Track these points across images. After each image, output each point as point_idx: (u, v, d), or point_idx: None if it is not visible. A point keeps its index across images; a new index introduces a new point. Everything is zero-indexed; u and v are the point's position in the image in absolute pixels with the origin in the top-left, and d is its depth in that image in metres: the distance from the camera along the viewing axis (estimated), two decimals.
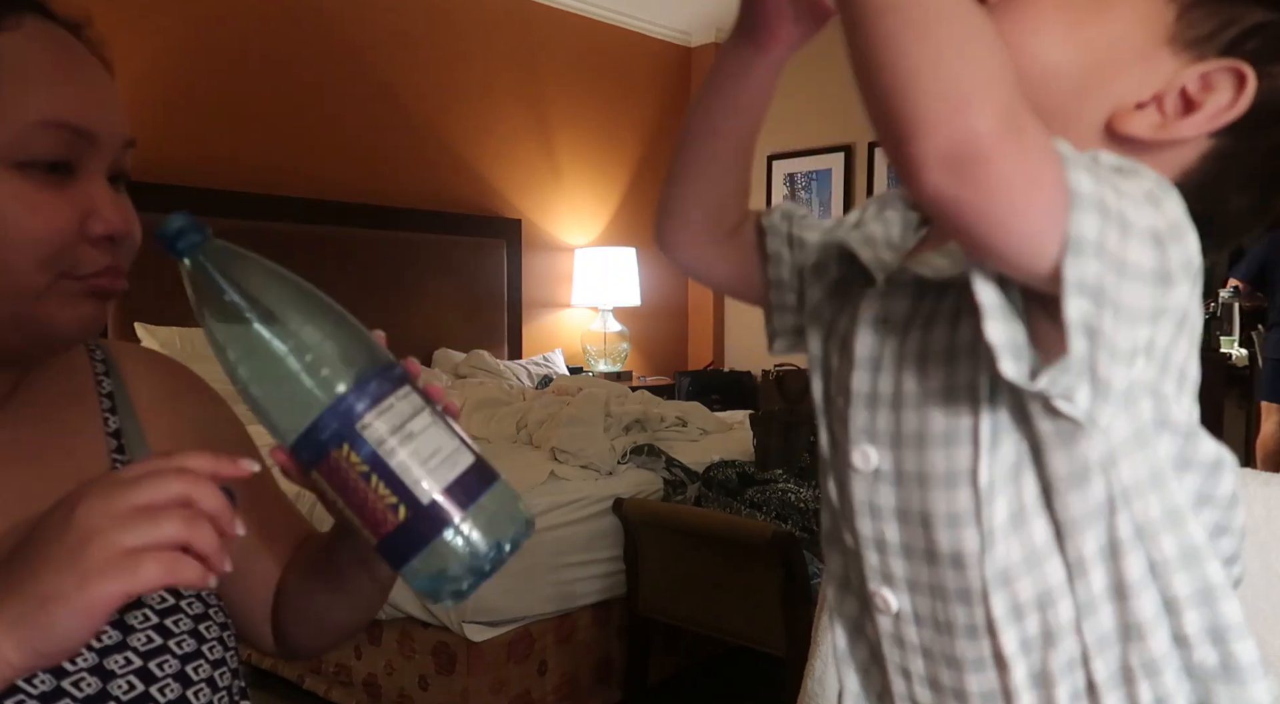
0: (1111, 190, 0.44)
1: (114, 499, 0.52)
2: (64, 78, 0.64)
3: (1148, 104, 0.54)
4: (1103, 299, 0.44)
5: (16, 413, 0.71)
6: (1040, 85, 0.53)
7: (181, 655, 0.68)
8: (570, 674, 2.34)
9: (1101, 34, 0.54)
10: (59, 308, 0.64)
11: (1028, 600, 0.55)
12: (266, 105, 3.59)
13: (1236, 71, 0.53)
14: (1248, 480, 0.80)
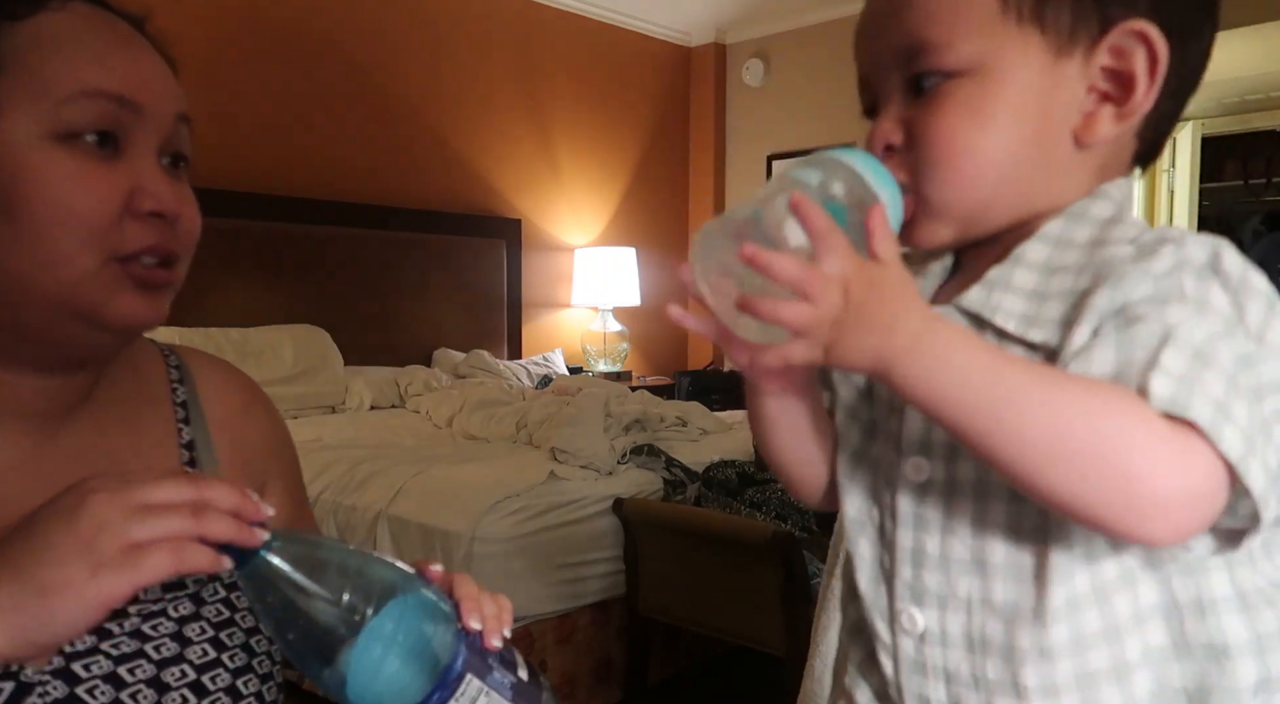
0: (1257, 421, 0.48)
1: (125, 494, 0.52)
2: (107, 50, 0.63)
3: (1094, 107, 0.57)
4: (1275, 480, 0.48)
5: (97, 414, 0.70)
6: (1015, 164, 0.57)
7: (233, 670, 0.68)
8: (570, 674, 2.34)
9: (1012, 91, 0.56)
10: (106, 295, 0.62)
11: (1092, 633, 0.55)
12: (266, 105, 3.59)
13: (1130, 31, 0.55)
14: None
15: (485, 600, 0.61)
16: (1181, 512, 0.48)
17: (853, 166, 0.54)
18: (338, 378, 3.42)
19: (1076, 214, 0.58)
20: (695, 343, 5.44)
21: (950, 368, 0.49)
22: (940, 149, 0.57)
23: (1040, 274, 0.57)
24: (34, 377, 0.65)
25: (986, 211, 0.59)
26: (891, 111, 0.60)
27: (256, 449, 0.81)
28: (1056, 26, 0.56)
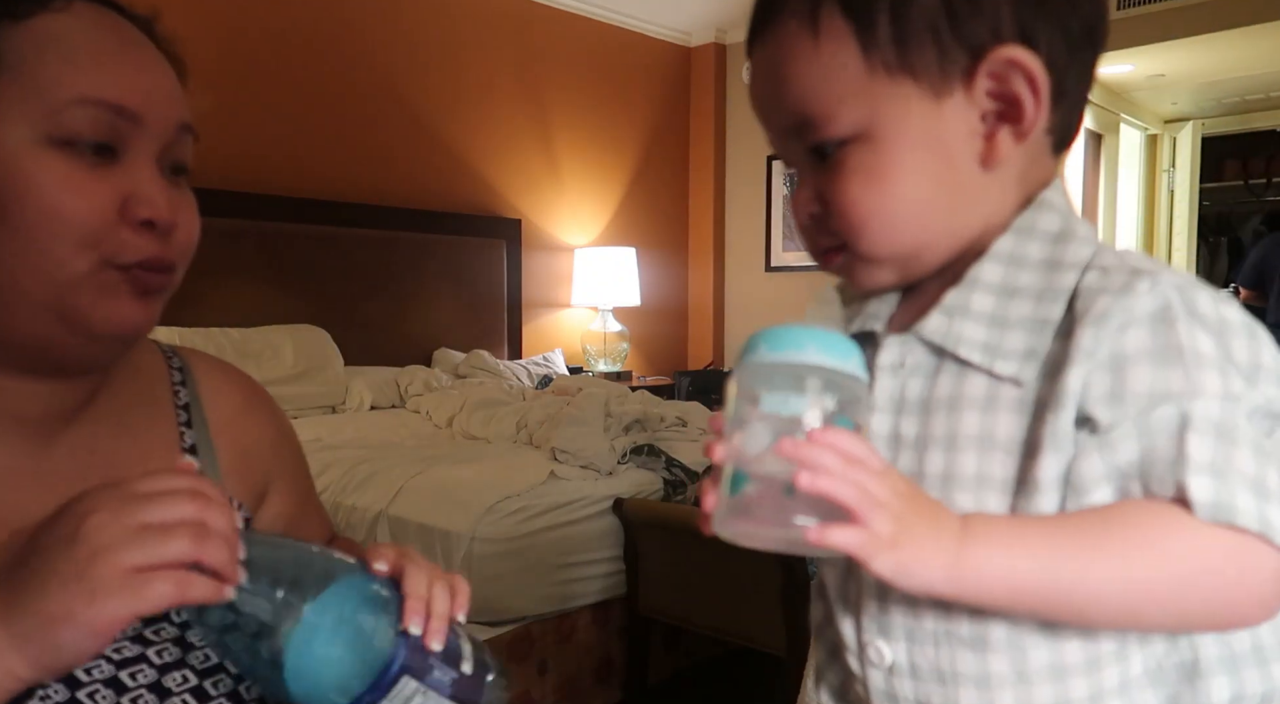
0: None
1: (123, 515, 0.51)
2: (109, 57, 0.61)
3: (989, 133, 0.57)
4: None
5: (92, 421, 0.69)
6: (928, 208, 0.58)
7: (235, 675, 0.67)
8: (570, 674, 2.34)
9: (903, 144, 0.57)
10: (96, 299, 0.61)
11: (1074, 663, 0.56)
12: (266, 106, 3.59)
13: (1000, 60, 0.55)
14: None
15: (437, 593, 0.60)
16: (1272, 600, 0.51)
17: (825, 365, 0.50)
18: (338, 378, 3.42)
19: (1024, 229, 0.58)
20: (695, 343, 5.44)
21: (1007, 577, 0.50)
22: (852, 216, 0.58)
23: (997, 297, 0.57)
24: (32, 382, 0.64)
25: (920, 254, 0.60)
26: (806, 181, 0.61)
27: (258, 451, 0.80)
28: (926, 70, 0.56)
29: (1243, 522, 0.48)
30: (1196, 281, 0.54)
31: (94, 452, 0.69)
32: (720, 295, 5.40)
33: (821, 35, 0.57)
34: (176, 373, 0.78)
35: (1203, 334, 0.51)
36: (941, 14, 0.55)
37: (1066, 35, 0.57)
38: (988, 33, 0.55)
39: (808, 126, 0.58)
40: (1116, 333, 0.52)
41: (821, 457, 0.47)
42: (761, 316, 5.10)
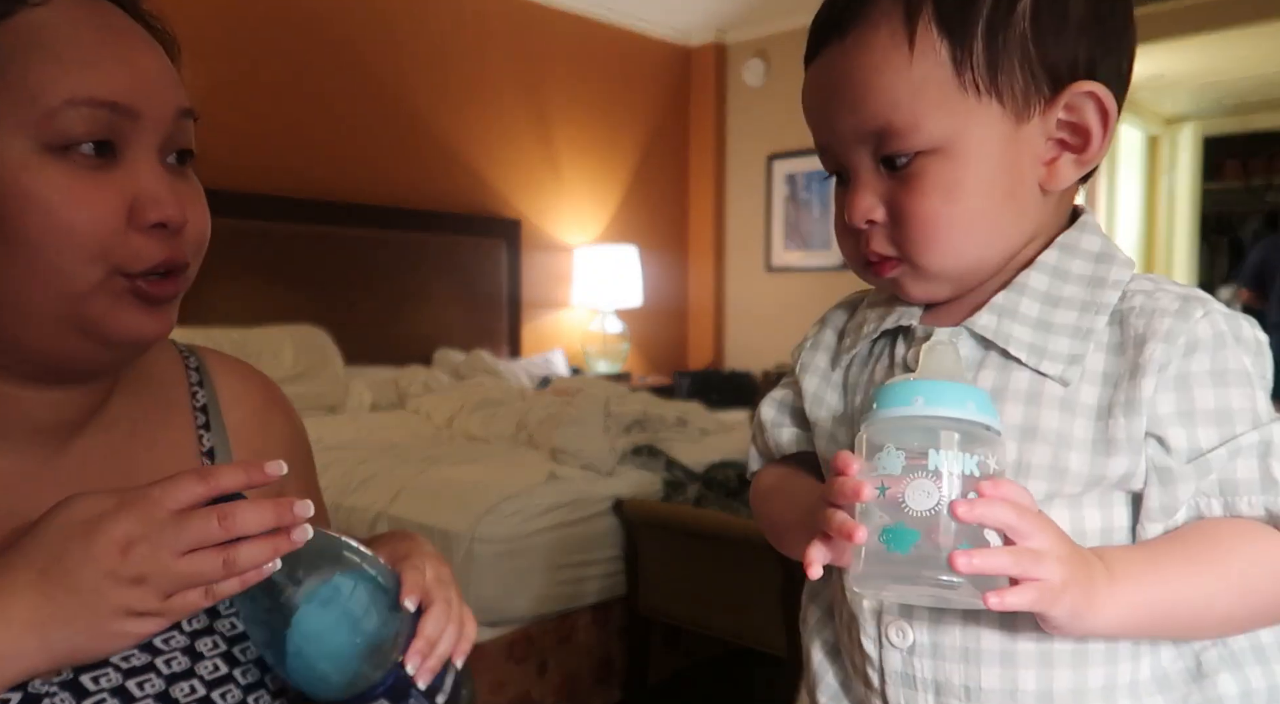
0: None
1: (164, 542, 0.53)
2: (96, 51, 0.58)
3: (1054, 157, 0.61)
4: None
5: (107, 425, 0.68)
6: (994, 224, 0.61)
7: (245, 686, 0.67)
8: (570, 674, 2.34)
9: (982, 161, 0.60)
10: (107, 309, 0.59)
11: None
12: (266, 106, 3.59)
13: (1082, 92, 0.59)
14: None
15: (445, 636, 0.63)
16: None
17: (988, 424, 0.51)
18: (338, 378, 3.42)
19: (1069, 245, 0.63)
20: (695, 343, 5.44)
21: (1137, 611, 0.55)
22: (925, 227, 0.60)
23: (1042, 303, 0.62)
24: (44, 390, 0.63)
25: (976, 269, 0.63)
26: (868, 187, 0.62)
27: (275, 454, 0.77)
28: (1013, 95, 0.59)
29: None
30: (1229, 309, 0.60)
31: (109, 456, 0.68)
32: (720, 295, 5.39)
33: (917, 48, 0.58)
34: (194, 373, 0.76)
35: (1246, 357, 0.59)
36: (1031, 43, 0.58)
37: (1119, 74, 0.62)
38: (1065, 66, 0.59)
39: (889, 135, 0.60)
40: (1184, 353, 0.58)
41: (1000, 514, 0.50)
42: (761, 316, 5.10)
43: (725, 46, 5.27)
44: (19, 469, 0.64)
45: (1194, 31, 4.33)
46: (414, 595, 0.62)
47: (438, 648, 0.62)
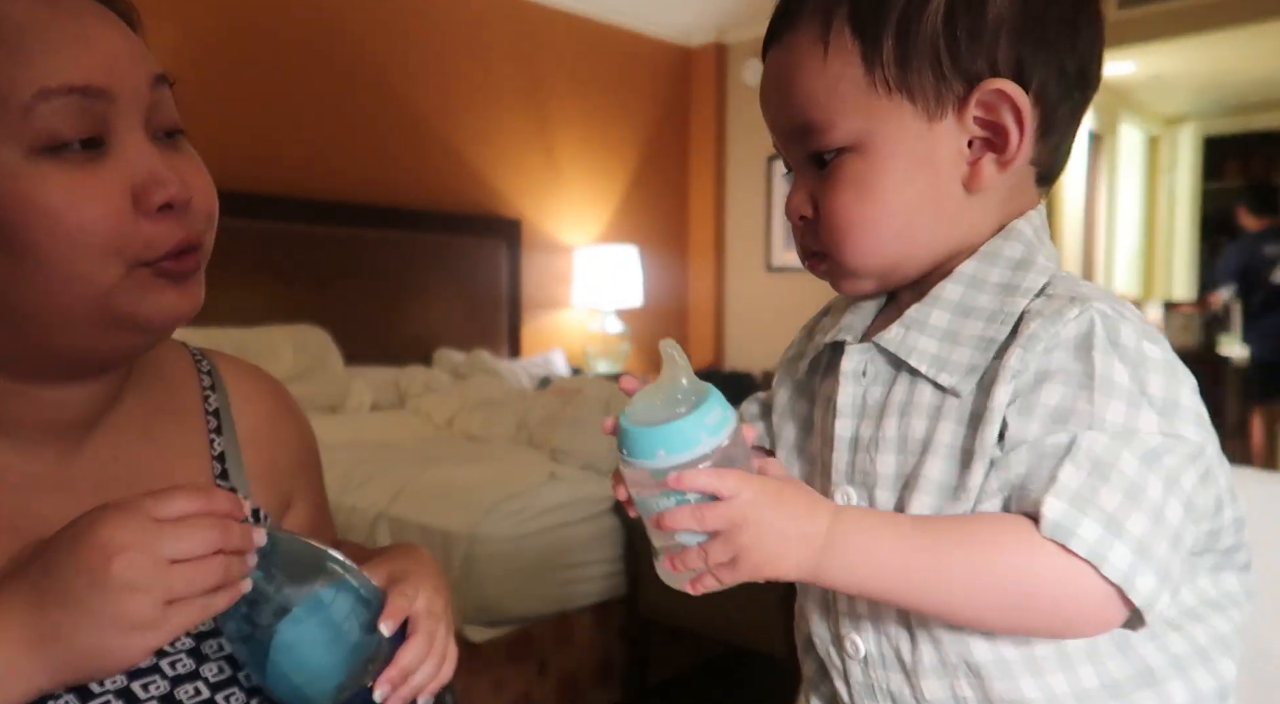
0: (1162, 520, 0.52)
1: (155, 550, 0.52)
2: (55, 38, 0.56)
3: (974, 159, 0.60)
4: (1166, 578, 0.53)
5: (118, 427, 0.68)
6: (911, 224, 0.61)
7: (249, 689, 0.66)
8: (570, 675, 2.34)
9: (895, 160, 0.60)
10: (139, 299, 0.58)
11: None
12: (265, 105, 3.59)
13: (990, 90, 0.58)
14: (1247, 481, 0.80)
15: (424, 669, 0.63)
16: (1097, 617, 0.53)
17: (676, 463, 0.55)
18: (338, 378, 3.42)
19: (990, 254, 0.62)
20: (696, 344, 5.44)
21: (868, 561, 0.54)
22: (838, 223, 0.62)
23: (953, 314, 0.61)
24: (55, 388, 0.62)
25: (897, 267, 0.63)
26: (801, 184, 0.64)
27: (286, 460, 0.79)
28: (923, 93, 0.59)
29: (1075, 545, 0.51)
30: (1130, 314, 0.56)
31: (119, 459, 0.67)
32: (720, 295, 5.39)
33: (831, 48, 0.60)
34: (205, 377, 0.76)
35: (1119, 364, 0.54)
36: (943, 42, 0.58)
37: (1061, 74, 0.60)
38: (985, 64, 0.58)
39: (809, 133, 0.62)
40: (1042, 354, 0.55)
41: (681, 519, 0.54)
42: (761, 316, 5.10)
43: (725, 46, 5.27)
44: (32, 471, 0.63)
45: (1194, 31, 4.33)
46: (392, 620, 0.62)
47: (413, 679, 0.62)
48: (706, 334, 5.39)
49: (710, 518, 0.53)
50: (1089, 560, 0.51)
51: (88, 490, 0.64)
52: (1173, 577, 0.52)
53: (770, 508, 0.54)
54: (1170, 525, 0.52)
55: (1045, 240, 0.63)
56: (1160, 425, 0.53)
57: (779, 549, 0.54)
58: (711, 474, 0.54)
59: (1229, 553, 0.62)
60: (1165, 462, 0.52)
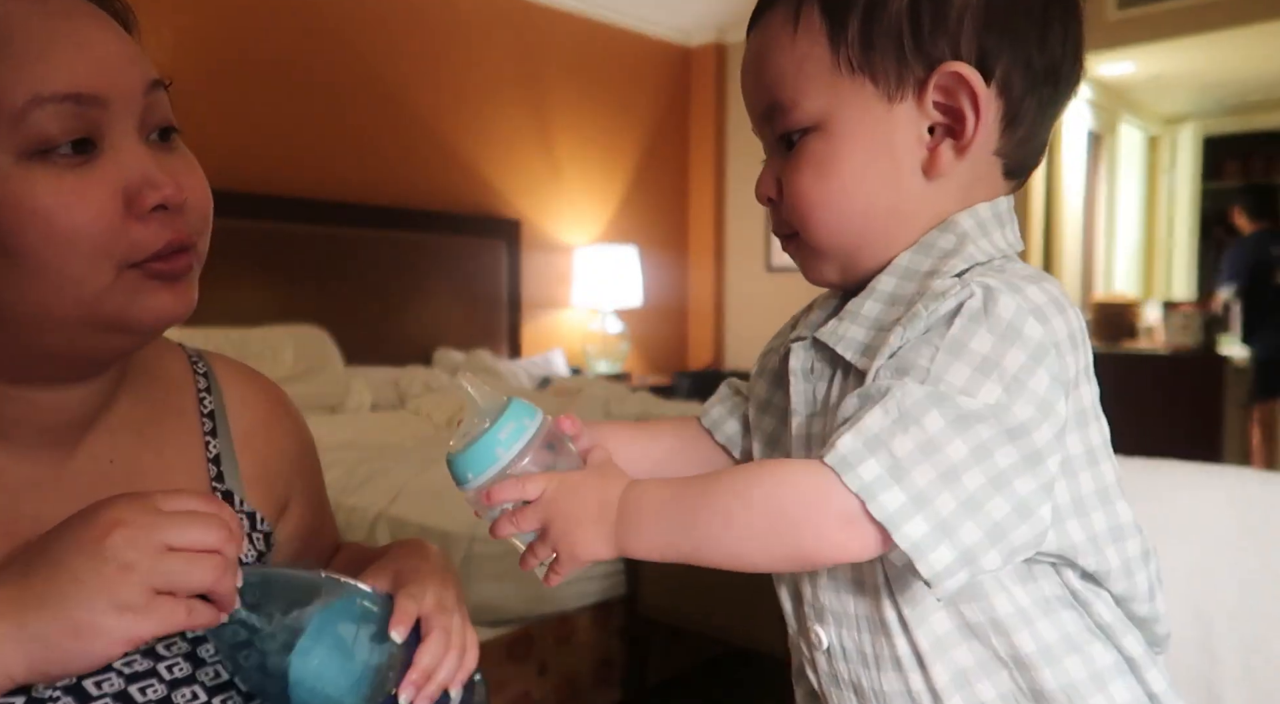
0: (957, 484, 0.51)
1: (155, 533, 0.51)
2: (50, 44, 0.55)
3: (936, 142, 0.60)
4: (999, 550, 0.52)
5: (113, 429, 0.68)
6: (870, 206, 0.61)
7: (246, 694, 0.66)
8: (570, 674, 2.34)
9: (854, 141, 0.60)
10: (130, 301, 0.58)
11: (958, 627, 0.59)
12: (266, 106, 3.59)
13: (947, 73, 0.58)
14: (1247, 480, 0.80)
15: (445, 665, 0.62)
16: (836, 538, 0.52)
17: (484, 482, 0.61)
18: (338, 378, 3.42)
19: (925, 245, 0.61)
20: (695, 343, 5.44)
21: (654, 523, 0.56)
22: (799, 202, 0.62)
23: (884, 304, 0.60)
24: (50, 390, 0.62)
25: (859, 250, 0.63)
26: (770, 165, 0.65)
27: (282, 463, 0.79)
28: (885, 74, 0.59)
29: (849, 479, 0.51)
30: (1036, 294, 0.55)
31: (114, 461, 0.67)
32: (720, 295, 5.40)
33: (800, 27, 0.61)
34: (201, 379, 0.76)
35: (983, 332, 0.53)
36: (907, 25, 0.58)
37: (1027, 67, 0.60)
38: (947, 49, 0.58)
39: (776, 112, 0.63)
40: (920, 330, 0.55)
41: (503, 528, 0.62)
42: (761, 316, 5.10)
43: (725, 46, 5.27)
44: (27, 473, 0.63)
45: (1194, 31, 4.33)
46: (402, 626, 0.62)
47: (436, 676, 0.62)
48: (706, 334, 5.39)
49: (523, 521, 0.59)
50: (859, 494, 0.51)
51: (83, 492, 0.64)
52: (963, 540, 0.50)
53: (568, 498, 0.58)
54: (966, 489, 0.51)
55: (992, 232, 0.61)
56: (998, 397, 0.52)
57: (584, 533, 0.57)
58: (513, 484, 0.58)
59: (1093, 580, 0.59)
60: (977, 430, 0.51)
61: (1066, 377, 0.55)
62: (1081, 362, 0.57)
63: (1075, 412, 0.56)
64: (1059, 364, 0.54)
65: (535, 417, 0.60)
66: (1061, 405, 0.54)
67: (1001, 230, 0.62)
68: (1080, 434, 0.57)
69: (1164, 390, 4.55)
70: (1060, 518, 0.56)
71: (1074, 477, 0.57)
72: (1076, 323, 0.57)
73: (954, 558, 0.51)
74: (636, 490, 0.58)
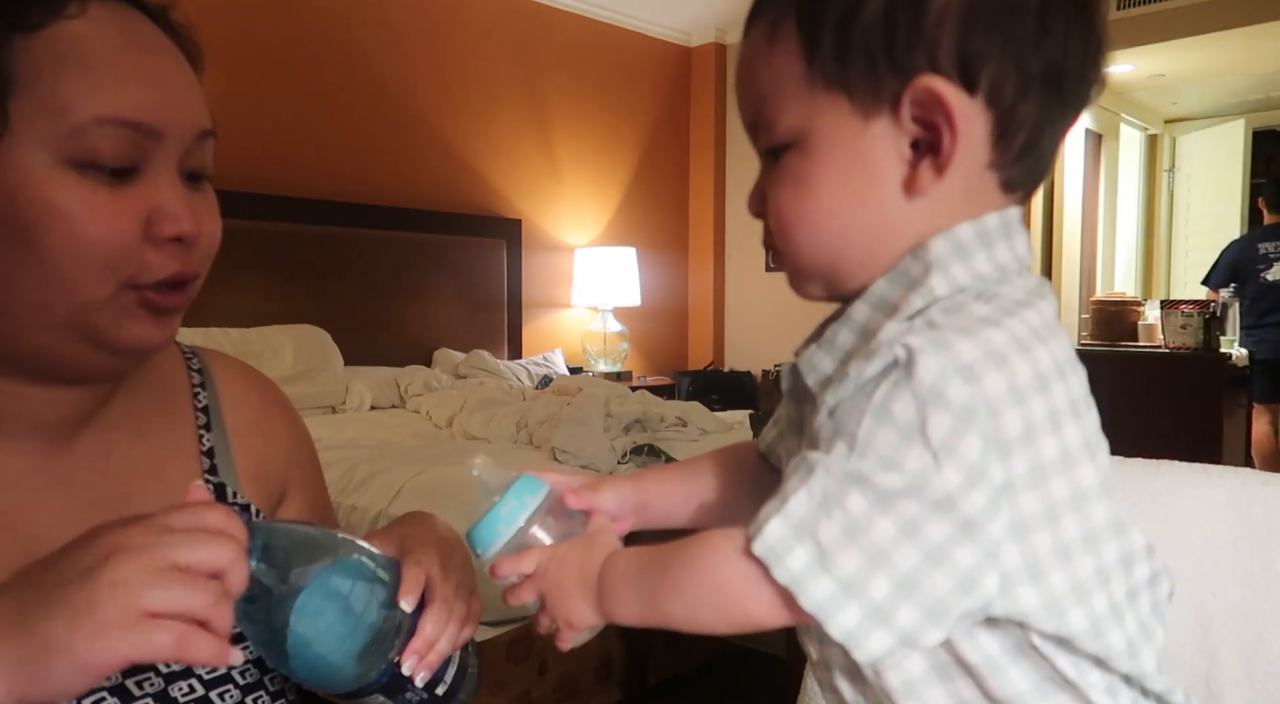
0: (888, 564, 0.49)
1: (152, 551, 0.49)
2: (127, 71, 0.59)
3: (915, 161, 0.56)
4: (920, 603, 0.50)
5: (109, 425, 0.68)
6: (848, 225, 0.58)
7: (244, 686, 0.67)
8: (570, 674, 2.34)
9: (830, 158, 0.57)
10: (117, 320, 0.60)
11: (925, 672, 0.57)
12: (266, 105, 3.59)
13: (919, 87, 0.54)
14: (1247, 480, 0.80)
15: (447, 633, 0.63)
16: (794, 615, 0.52)
17: (492, 553, 0.63)
18: (338, 378, 3.42)
19: (899, 272, 0.57)
20: (695, 343, 5.44)
21: (623, 590, 0.58)
22: (778, 220, 0.60)
23: (856, 336, 0.58)
24: (46, 388, 0.63)
25: (838, 269, 0.60)
26: (758, 181, 0.62)
27: (276, 459, 0.79)
28: (860, 89, 0.55)
29: (778, 573, 0.50)
30: (965, 347, 0.51)
31: (110, 456, 0.68)
32: (720, 295, 5.40)
33: (776, 42, 0.58)
34: (196, 375, 0.77)
35: (905, 396, 0.50)
36: (881, 37, 0.55)
37: (1020, 72, 0.55)
38: (924, 60, 0.54)
39: (759, 128, 0.60)
40: (847, 386, 0.53)
41: (510, 599, 0.62)
42: (761, 316, 5.10)
43: (725, 46, 5.27)
44: (22, 467, 0.64)
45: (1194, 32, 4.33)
46: (411, 595, 0.62)
47: (438, 645, 0.62)
48: (706, 334, 5.39)
49: (522, 594, 0.60)
50: (788, 587, 0.50)
51: (79, 487, 0.65)
52: (901, 624, 0.49)
53: (557, 570, 0.60)
54: (899, 570, 0.49)
55: (973, 254, 0.57)
56: (926, 465, 0.49)
57: (574, 604, 0.59)
58: (511, 561, 0.60)
59: (1054, 641, 0.55)
60: (901, 507, 0.49)
61: (1006, 435, 0.50)
62: (1052, 405, 0.52)
63: (1057, 454, 0.52)
64: (992, 425, 0.50)
65: (538, 492, 0.63)
66: (997, 469, 0.50)
67: (989, 250, 0.57)
68: (1041, 490, 0.52)
69: (1164, 390, 4.55)
70: (1009, 584, 0.52)
71: (1025, 538, 0.52)
72: (1047, 361, 0.52)
73: (892, 641, 0.49)
74: (612, 560, 0.59)
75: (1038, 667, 0.55)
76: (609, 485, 0.69)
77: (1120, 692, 0.57)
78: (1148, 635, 0.58)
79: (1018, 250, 0.58)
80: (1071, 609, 0.53)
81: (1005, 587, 0.51)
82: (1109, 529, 0.55)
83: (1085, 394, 0.56)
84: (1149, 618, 0.58)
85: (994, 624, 0.54)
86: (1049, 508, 0.52)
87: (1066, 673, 0.55)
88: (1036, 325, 0.54)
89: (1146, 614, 0.58)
